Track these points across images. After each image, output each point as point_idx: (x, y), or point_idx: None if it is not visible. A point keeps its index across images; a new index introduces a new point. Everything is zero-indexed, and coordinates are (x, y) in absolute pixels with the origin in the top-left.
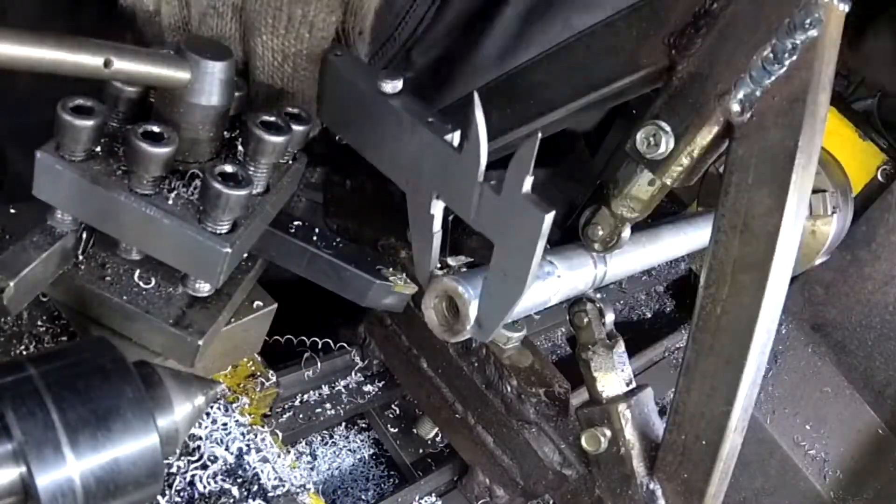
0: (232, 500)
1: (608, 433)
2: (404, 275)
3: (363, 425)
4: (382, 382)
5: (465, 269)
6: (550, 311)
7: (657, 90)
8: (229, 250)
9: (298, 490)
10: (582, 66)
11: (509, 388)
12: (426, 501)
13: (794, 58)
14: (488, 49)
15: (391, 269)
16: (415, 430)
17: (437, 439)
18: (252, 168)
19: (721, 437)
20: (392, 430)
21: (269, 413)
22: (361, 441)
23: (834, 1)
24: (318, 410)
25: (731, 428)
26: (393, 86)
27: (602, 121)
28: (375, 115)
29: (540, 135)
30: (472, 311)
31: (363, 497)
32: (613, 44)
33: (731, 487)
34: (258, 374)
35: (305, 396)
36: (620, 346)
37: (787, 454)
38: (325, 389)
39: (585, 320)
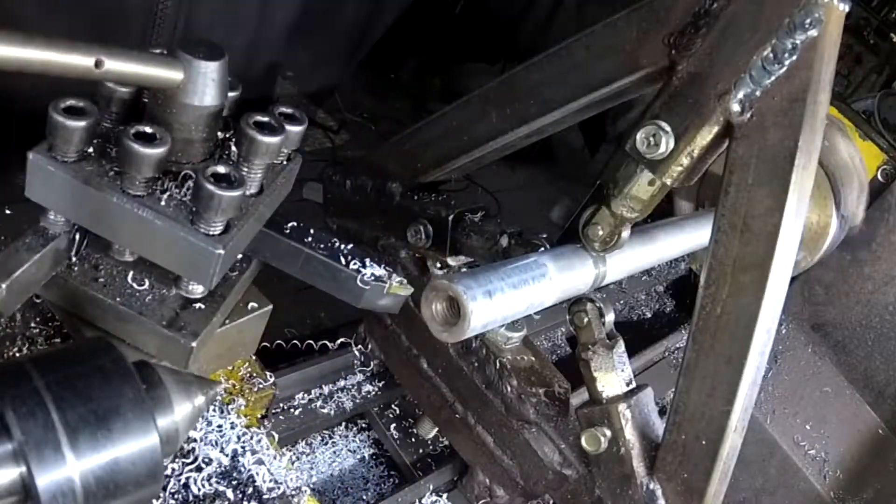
0: (227, 503)
1: (608, 433)
2: (400, 277)
3: (363, 425)
4: (382, 382)
5: (465, 269)
6: (550, 311)
7: (657, 90)
8: (222, 252)
9: (294, 493)
10: (582, 66)
11: (509, 388)
12: (428, 500)
13: (794, 58)
14: None
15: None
16: (415, 430)
17: (438, 439)
18: (246, 169)
19: (721, 437)
20: (392, 430)
21: (266, 415)
22: (361, 441)
23: (834, 1)
24: (318, 410)
25: (731, 428)
26: None
27: (602, 121)
28: None
29: None
30: (472, 310)
31: (363, 497)
32: (613, 44)
33: (731, 487)
34: (254, 375)
35: (305, 397)
36: (620, 346)
37: (787, 454)
38: (325, 389)
39: (585, 320)
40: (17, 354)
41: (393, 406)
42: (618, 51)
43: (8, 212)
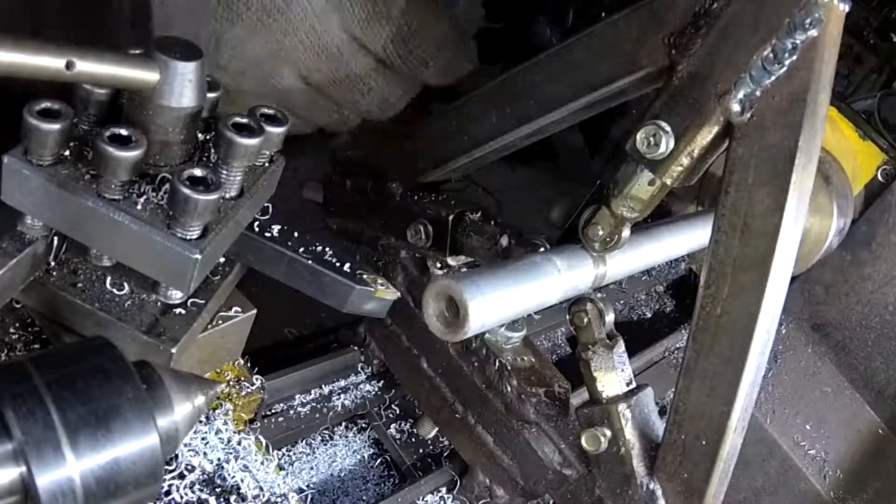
0: None
1: (608, 433)
2: (385, 280)
3: (363, 425)
4: (382, 382)
5: (465, 269)
6: (550, 311)
7: (657, 90)
8: (199, 256)
9: (279, 499)
10: (582, 66)
11: (509, 388)
12: (431, 499)
13: (795, 57)
14: None
15: (373, 275)
16: (415, 430)
17: (438, 439)
18: (225, 171)
19: (721, 437)
20: (392, 430)
21: (254, 419)
22: (361, 441)
23: (834, 1)
24: (318, 410)
25: (731, 428)
26: None
27: (602, 121)
28: None
29: None
30: (472, 310)
31: (363, 497)
32: (613, 44)
33: (731, 487)
34: (242, 379)
35: (305, 397)
36: (620, 346)
37: (787, 454)
38: (325, 389)
39: (585, 320)
40: None
41: (393, 406)
42: (618, 51)
43: None
